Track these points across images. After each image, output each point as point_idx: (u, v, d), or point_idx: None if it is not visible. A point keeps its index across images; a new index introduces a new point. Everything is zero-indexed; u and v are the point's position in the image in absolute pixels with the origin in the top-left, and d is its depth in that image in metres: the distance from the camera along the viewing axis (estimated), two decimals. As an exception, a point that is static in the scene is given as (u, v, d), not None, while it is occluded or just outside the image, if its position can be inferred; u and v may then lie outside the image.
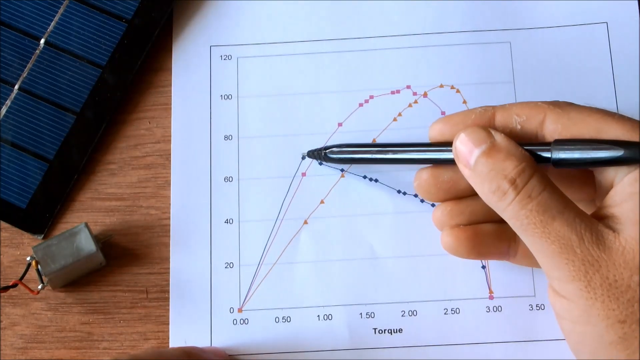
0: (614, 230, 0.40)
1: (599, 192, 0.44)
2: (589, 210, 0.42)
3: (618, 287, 0.39)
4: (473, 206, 0.47)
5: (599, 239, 0.40)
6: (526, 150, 0.42)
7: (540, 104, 0.44)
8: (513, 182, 0.41)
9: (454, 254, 0.47)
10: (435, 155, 0.46)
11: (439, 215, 0.48)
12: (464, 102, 0.53)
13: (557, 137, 0.43)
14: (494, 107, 0.45)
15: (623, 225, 0.40)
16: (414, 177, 0.48)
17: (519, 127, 0.44)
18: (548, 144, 0.42)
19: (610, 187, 0.42)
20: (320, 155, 0.51)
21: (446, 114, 0.53)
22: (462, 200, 0.47)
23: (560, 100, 0.44)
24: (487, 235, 0.47)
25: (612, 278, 0.39)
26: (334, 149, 0.50)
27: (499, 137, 0.42)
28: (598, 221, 0.41)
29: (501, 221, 0.44)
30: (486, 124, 0.44)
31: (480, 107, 0.45)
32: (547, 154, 0.42)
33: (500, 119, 0.44)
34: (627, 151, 0.40)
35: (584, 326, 0.40)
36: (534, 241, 0.41)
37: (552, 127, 0.43)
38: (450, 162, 0.45)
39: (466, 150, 0.43)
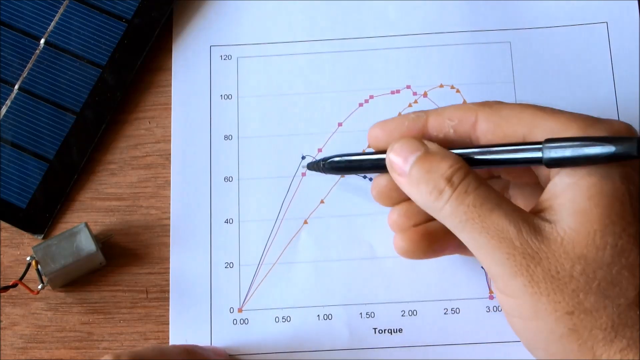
0: (550, 221, 0.40)
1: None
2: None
3: (561, 279, 0.39)
4: None
5: (537, 230, 0.39)
6: (518, 149, 0.42)
7: (471, 106, 0.44)
8: (449, 180, 0.41)
9: (410, 257, 0.47)
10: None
11: (395, 217, 0.47)
12: (464, 102, 0.53)
13: (490, 136, 0.43)
14: (426, 112, 0.45)
15: (560, 216, 0.40)
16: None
17: (451, 131, 0.44)
18: (539, 143, 0.41)
19: (548, 182, 0.42)
20: (319, 166, 0.50)
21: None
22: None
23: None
24: (440, 231, 0.46)
25: (554, 270, 0.39)
26: (334, 159, 0.49)
27: (432, 145, 0.43)
28: (534, 215, 0.40)
29: None
30: (419, 130, 0.45)
31: (414, 112, 0.45)
32: (538, 154, 0.41)
33: (433, 123, 0.44)
34: (620, 147, 0.38)
35: (533, 322, 0.40)
36: (473, 237, 0.41)
37: (485, 127, 0.43)
38: None
39: (401, 159, 0.43)
